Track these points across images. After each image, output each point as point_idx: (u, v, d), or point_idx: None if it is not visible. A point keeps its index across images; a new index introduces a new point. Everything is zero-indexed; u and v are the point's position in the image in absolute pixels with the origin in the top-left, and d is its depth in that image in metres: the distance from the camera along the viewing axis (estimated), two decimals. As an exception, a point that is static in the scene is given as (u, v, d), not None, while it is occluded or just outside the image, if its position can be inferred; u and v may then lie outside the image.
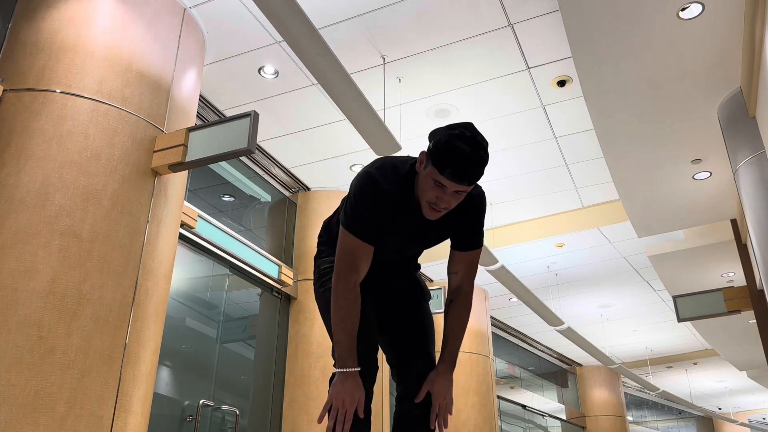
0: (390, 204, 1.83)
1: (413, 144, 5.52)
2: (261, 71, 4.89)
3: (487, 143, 1.70)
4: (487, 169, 6.97)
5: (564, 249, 8.02)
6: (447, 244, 2.03)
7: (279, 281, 5.80)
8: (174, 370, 4.81)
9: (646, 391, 13.58)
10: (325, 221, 2.13)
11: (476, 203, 1.91)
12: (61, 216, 3.11)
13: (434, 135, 1.73)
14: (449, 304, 1.98)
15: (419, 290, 2.13)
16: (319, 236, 2.14)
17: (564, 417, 12.17)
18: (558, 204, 7.04)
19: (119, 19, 3.65)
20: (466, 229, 1.95)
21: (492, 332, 9.02)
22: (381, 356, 1.97)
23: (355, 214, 1.81)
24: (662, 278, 7.55)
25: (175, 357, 4.84)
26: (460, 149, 1.64)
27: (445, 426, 1.88)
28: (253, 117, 3.51)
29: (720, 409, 18.56)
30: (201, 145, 3.57)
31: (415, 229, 1.92)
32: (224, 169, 5.85)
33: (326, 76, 3.74)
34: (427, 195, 1.74)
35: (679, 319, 6.10)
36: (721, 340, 9.35)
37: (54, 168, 3.18)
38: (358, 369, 1.75)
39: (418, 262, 2.19)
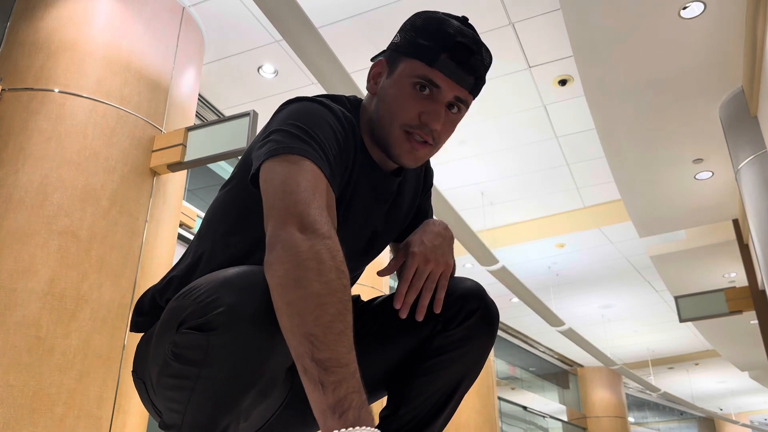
0: (350, 151, 1.08)
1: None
2: (260, 70, 4.88)
3: None
4: (487, 169, 7.16)
5: (565, 249, 8.01)
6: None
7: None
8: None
9: (648, 392, 13.56)
10: (147, 295, 1.12)
11: (430, 179, 1.32)
12: (60, 216, 3.09)
13: (404, 26, 1.14)
14: None
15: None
16: (142, 309, 1.11)
17: (565, 418, 12.16)
18: (559, 204, 7.02)
19: (118, 18, 3.63)
20: (425, 207, 1.31)
21: (493, 333, 8.99)
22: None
23: (302, 134, 0.99)
24: (664, 279, 7.53)
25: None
26: (456, 25, 1.07)
27: (437, 309, 1.10)
28: (252, 116, 3.50)
29: (722, 409, 18.54)
30: (200, 145, 3.55)
31: (379, 204, 1.16)
32: (223, 168, 5.84)
33: (326, 75, 3.73)
34: (405, 114, 1.05)
35: (681, 320, 6.09)
36: (722, 341, 9.33)
37: (52, 168, 3.17)
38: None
39: None
